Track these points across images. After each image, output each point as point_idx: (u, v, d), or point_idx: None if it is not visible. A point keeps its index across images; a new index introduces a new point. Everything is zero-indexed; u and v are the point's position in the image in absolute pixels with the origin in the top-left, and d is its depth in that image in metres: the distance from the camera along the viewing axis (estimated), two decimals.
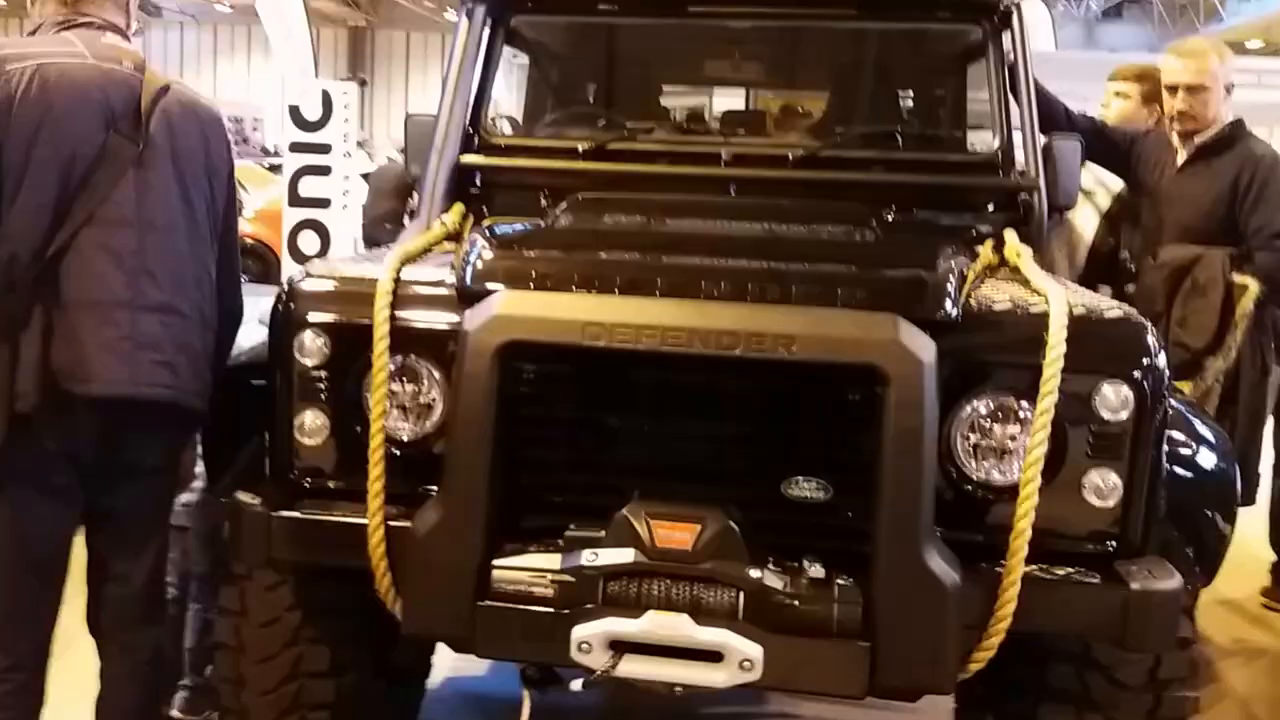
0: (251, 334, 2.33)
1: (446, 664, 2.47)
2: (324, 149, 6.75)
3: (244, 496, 1.56)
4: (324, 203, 6.72)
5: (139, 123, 1.52)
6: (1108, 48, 20.63)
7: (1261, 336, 2.44)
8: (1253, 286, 2.34)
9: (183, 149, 1.58)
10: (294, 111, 6.72)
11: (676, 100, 3.02)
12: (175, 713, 2.25)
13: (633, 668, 1.36)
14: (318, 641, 1.75)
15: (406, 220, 3.50)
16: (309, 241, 6.64)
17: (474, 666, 2.58)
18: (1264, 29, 18.50)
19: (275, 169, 6.91)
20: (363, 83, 13.18)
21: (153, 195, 1.54)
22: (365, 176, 7.06)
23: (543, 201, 2.03)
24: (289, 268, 5.91)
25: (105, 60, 1.54)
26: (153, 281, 1.54)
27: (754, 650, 1.32)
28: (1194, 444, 1.59)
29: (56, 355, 1.46)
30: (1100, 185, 2.72)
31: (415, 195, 2.23)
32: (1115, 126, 2.72)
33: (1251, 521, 2.55)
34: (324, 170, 6.71)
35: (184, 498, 2.27)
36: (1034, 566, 1.38)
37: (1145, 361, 1.40)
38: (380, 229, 6.29)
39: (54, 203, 1.45)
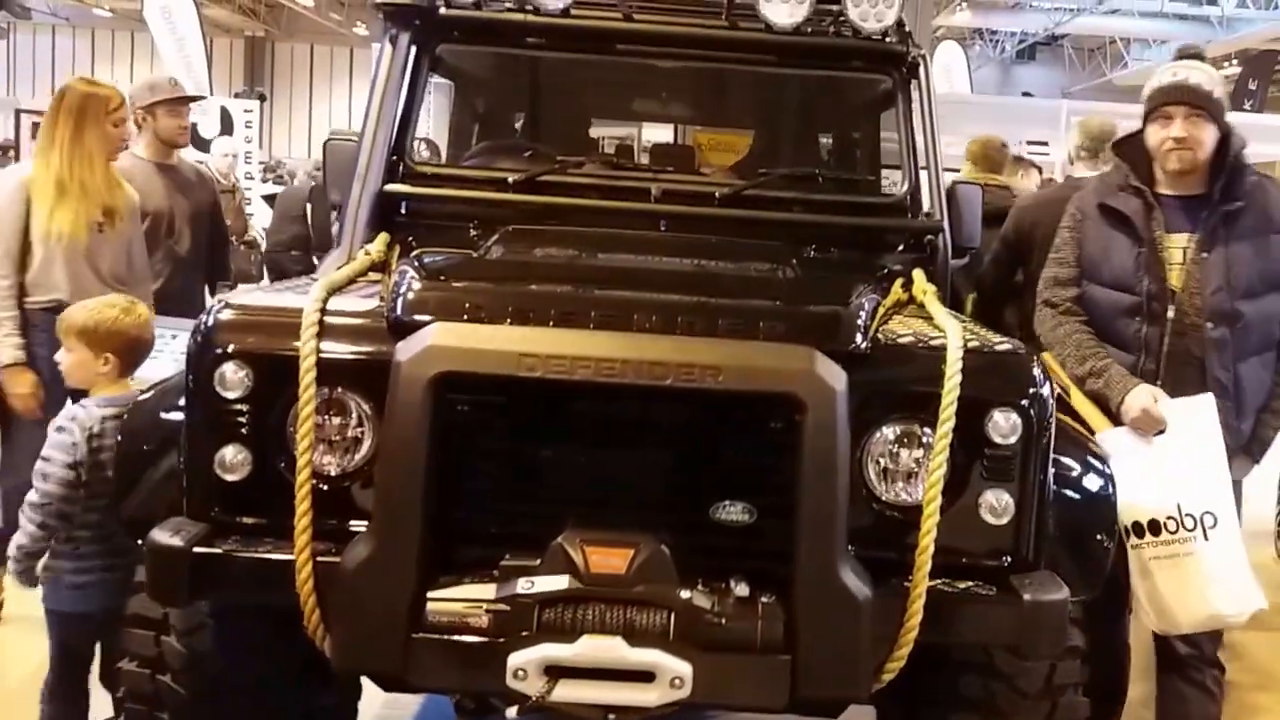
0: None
1: (372, 711, 2.51)
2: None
3: (161, 535, 1.56)
4: None
5: None
6: (1022, 87, 22.41)
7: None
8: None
9: None
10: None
11: (605, 130, 3.20)
12: None
13: (567, 692, 1.45)
14: (238, 688, 1.77)
15: (316, 261, 3.55)
16: None
17: (400, 713, 2.62)
18: None
19: None
20: (261, 97, 12.99)
21: None
22: (269, 199, 6.96)
23: (471, 232, 2.14)
24: None
25: None
26: None
27: (684, 668, 1.44)
28: (1079, 468, 1.83)
29: None
30: None
31: (335, 221, 2.32)
32: None
33: None
34: (224, 193, 6.59)
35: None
36: (938, 581, 1.57)
37: (1031, 391, 1.63)
38: (286, 256, 6.23)
39: None
